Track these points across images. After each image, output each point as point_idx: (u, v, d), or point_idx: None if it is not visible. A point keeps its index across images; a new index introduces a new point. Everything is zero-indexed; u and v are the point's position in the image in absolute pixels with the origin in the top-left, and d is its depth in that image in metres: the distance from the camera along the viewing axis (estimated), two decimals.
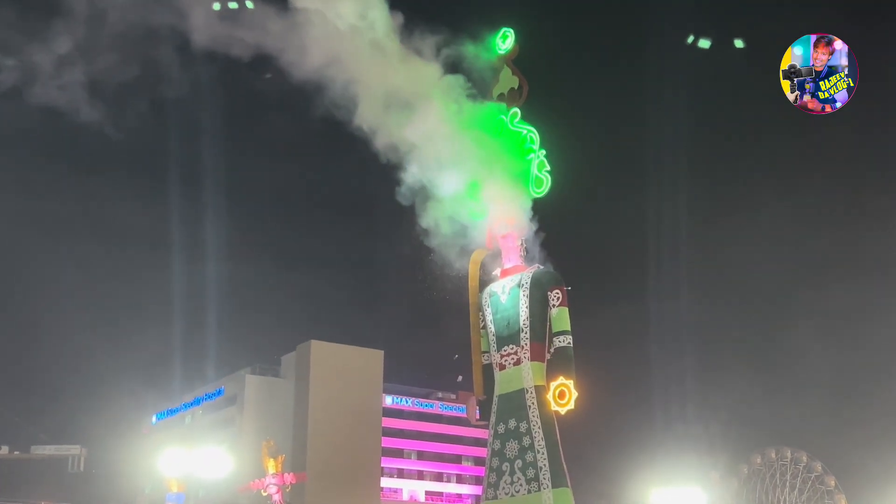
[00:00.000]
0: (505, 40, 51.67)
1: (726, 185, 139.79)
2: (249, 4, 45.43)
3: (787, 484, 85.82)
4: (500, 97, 50.97)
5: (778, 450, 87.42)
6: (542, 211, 49.93)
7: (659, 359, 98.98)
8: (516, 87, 50.87)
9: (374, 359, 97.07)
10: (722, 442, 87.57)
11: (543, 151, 49.00)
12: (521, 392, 46.11)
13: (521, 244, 49.12)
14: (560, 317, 46.79)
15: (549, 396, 44.94)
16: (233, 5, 45.11)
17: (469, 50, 50.62)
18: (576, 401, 45.57)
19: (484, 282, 50.16)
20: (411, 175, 48.52)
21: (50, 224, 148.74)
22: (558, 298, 47.04)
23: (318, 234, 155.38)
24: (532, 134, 49.43)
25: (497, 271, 49.65)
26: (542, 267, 48.44)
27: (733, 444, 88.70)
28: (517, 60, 51.63)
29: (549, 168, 48.54)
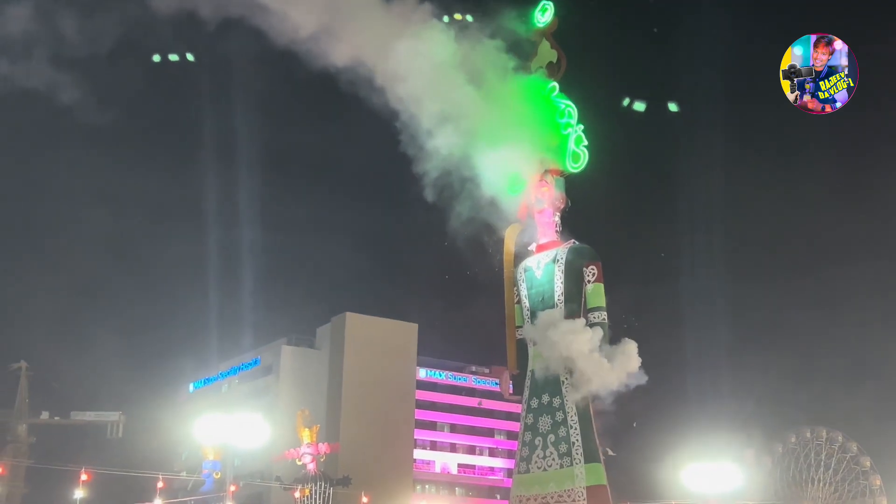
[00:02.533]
0: (544, 13, 51.30)
1: (767, 161, 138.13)
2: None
3: (822, 464, 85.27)
4: (539, 71, 50.69)
5: (813, 429, 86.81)
6: (578, 186, 49.79)
7: (693, 335, 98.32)
8: (555, 62, 50.52)
9: (408, 332, 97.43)
10: (756, 420, 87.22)
11: (581, 126, 48.74)
12: (555, 367, 46.14)
13: (557, 219, 49.01)
14: (595, 292, 46.64)
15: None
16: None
17: (509, 22, 50.40)
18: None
19: (519, 256, 50.15)
20: (448, 148, 48.52)
21: (90, 197, 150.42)
22: (594, 274, 46.89)
23: (356, 207, 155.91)
24: (570, 108, 49.15)
25: (532, 246, 49.59)
26: (577, 242, 48.31)
27: (768, 423, 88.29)
28: (556, 34, 51.31)
29: (586, 143, 48.31)
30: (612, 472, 46.16)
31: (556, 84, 49.98)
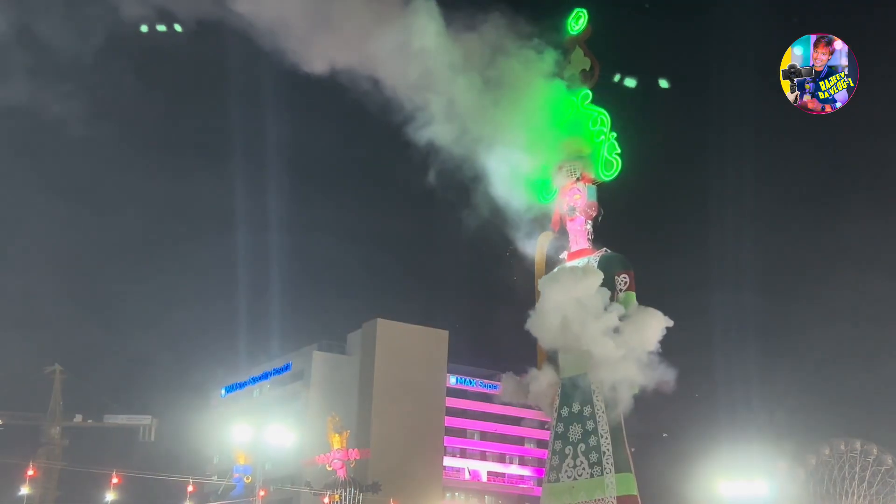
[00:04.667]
0: (577, 21, 51.23)
1: (802, 171, 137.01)
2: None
3: (857, 476, 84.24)
4: (572, 78, 50.59)
5: (847, 441, 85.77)
6: (610, 195, 49.60)
7: (725, 345, 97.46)
8: (588, 69, 50.45)
9: (439, 338, 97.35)
10: (789, 431, 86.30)
11: (614, 134, 48.58)
12: (586, 376, 45.95)
13: (589, 227, 48.85)
14: (627, 301, 46.44)
15: None
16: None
17: (545, 31, 50.44)
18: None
19: (551, 264, 50.04)
20: (481, 155, 48.59)
21: (122, 201, 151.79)
22: (625, 283, 46.71)
23: (387, 211, 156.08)
24: (603, 116, 49.02)
25: (564, 254, 49.48)
26: (609, 251, 48.12)
27: (801, 434, 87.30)
28: (589, 42, 51.24)
29: (619, 151, 48.15)
30: (642, 482, 45.87)
31: (589, 92, 49.92)
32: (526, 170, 48.76)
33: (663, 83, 51.46)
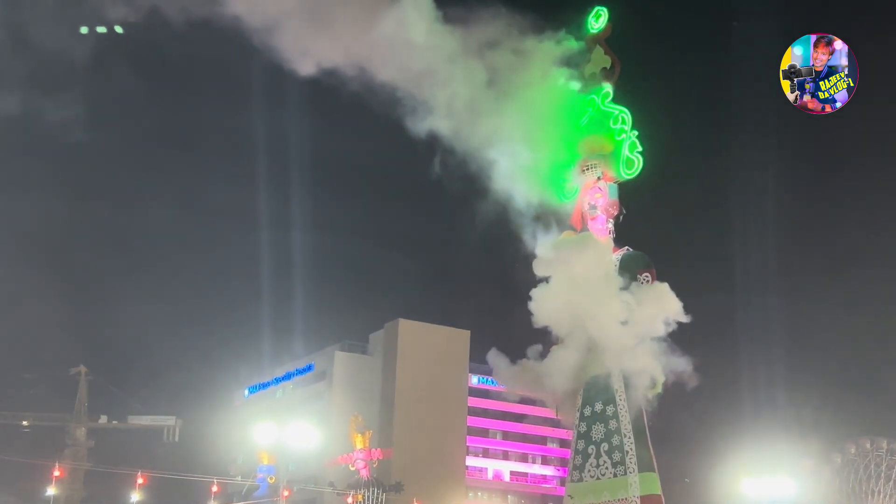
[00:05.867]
0: (598, 19, 51.09)
1: (825, 170, 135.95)
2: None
3: (882, 475, 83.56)
4: (592, 76, 50.48)
5: (873, 440, 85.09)
6: (632, 193, 49.44)
7: (749, 342, 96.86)
8: (608, 67, 50.30)
9: (460, 338, 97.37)
10: (814, 429, 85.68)
11: (636, 132, 48.43)
12: (609, 376, 45.83)
13: (611, 225, 48.72)
14: None
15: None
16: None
17: (564, 30, 50.33)
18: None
19: None
20: (499, 154, 48.54)
21: (145, 205, 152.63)
22: (647, 281, 46.54)
23: (409, 212, 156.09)
24: (624, 115, 48.87)
25: None
26: (630, 250, 47.98)
27: (826, 432, 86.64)
28: (609, 40, 51.09)
29: (640, 149, 48.00)
30: (666, 481, 45.72)
31: (609, 90, 49.79)
32: (545, 168, 48.72)
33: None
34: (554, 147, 49.14)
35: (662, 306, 43.63)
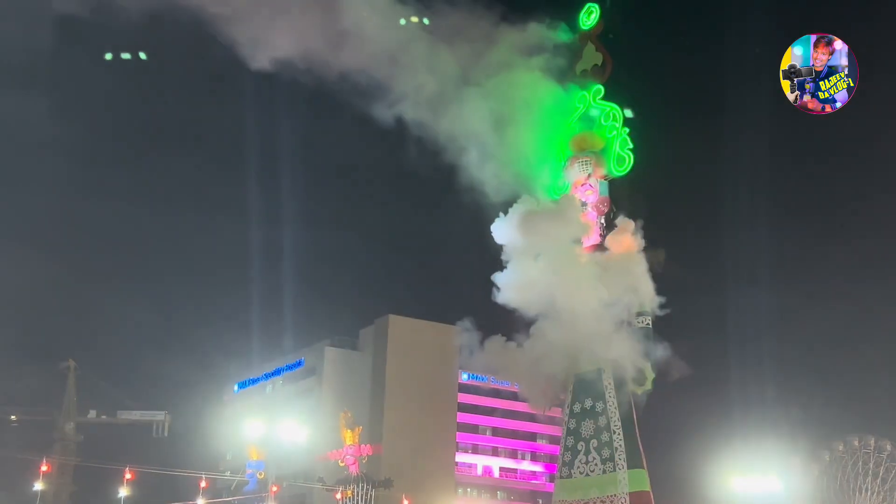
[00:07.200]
0: (589, 16, 51.12)
1: (816, 162, 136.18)
2: None
3: (870, 472, 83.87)
4: (584, 74, 50.51)
5: (861, 437, 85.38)
6: (623, 189, 49.46)
7: (738, 341, 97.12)
8: (600, 64, 50.37)
9: (450, 334, 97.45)
10: (802, 427, 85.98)
11: (627, 130, 48.50)
12: (598, 372, 45.93)
13: (601, 222, 48.79)
14: None
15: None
16: None
17: (553, 27, 50.33)
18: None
19: None
20: (492, 151, 48.54)
21: (133, 198, 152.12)
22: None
23: (399, 208, 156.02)
24: (615, 112, 48.92)
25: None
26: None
27: (814, 430, 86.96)
28: (601, 37, 51.11)
29: (631, 146, 48.07)
30: (655, 477, 45.81)
31: (601, 87, 49.83)
32: (537, 164, 48.75)
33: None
34: (545, 144, 49.17)
35: (629, 269, 43.65)
